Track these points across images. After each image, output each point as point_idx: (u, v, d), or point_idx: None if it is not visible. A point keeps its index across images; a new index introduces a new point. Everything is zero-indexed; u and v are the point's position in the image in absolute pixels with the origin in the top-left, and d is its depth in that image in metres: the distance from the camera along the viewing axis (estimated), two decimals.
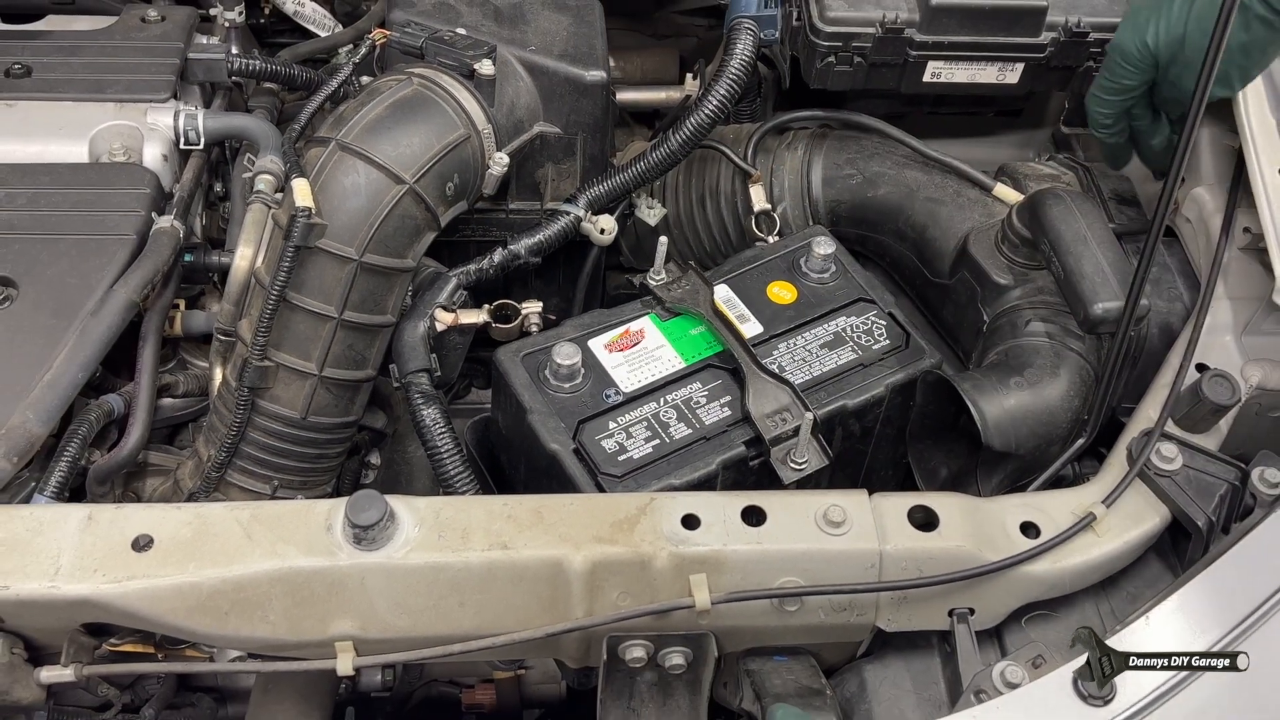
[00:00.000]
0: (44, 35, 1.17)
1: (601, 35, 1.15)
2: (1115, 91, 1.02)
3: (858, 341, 1.01)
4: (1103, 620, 0.90)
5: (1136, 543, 0.89)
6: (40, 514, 0.82)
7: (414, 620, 0.81)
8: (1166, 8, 0.96)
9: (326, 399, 1.01)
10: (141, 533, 0.80)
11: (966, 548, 0.84)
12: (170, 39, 1.15)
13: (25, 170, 1.03)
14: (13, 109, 1.08)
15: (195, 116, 1.09)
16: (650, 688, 0.87)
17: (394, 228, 0.97)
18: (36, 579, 0.78)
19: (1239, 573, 0.83)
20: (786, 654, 0.90)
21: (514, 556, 0.81)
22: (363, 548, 0.80)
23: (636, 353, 0.99)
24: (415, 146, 0.98)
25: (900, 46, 1.13)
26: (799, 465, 0.92)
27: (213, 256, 1.07)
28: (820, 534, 0.83)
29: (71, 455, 0.93)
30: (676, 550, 0.81)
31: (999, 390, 0.96)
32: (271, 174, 1.05)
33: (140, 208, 1.01)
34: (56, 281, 0.95)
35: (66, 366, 0.91)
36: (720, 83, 1.09)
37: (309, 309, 0.97)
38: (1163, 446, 0.91)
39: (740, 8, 1.12)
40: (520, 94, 1.09)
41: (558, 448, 0.91)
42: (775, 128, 1.24)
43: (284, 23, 1.39)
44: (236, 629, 0.80)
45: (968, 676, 0.84)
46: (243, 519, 0.82)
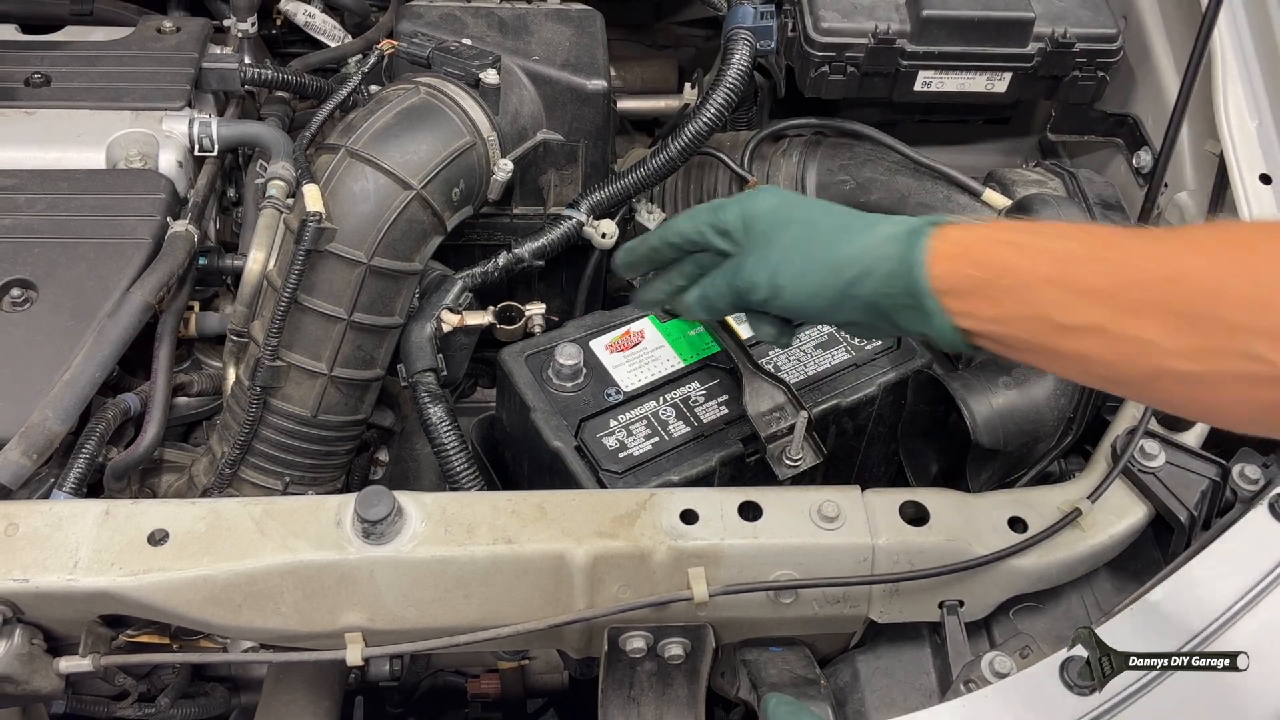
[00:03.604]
0: (63, 45, 1.17)
1: (603, 46, 1.16)
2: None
3: (851, 342, 1.03)
4: (1088, 612, 0.91)
5: (1121, 537, 0.90)
6: (59, 509, 0.82)
7: (421, 612, 0.82)
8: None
9: (336, 398, 1.02)
10: (157, 527, 0.81)
11: (956, 542, 0.85)
12: (185, 49, 1.16)
13: (45, 176, 1.03)
14: (32, 117, 1.09)
15: (209, 124, 1.10)
16: (650, 677, 0.88)
17: (402, 232, 0.99)
18: (56, 572, 0.78)
19: (1220, 566, 0.84)
20: (782, 645, 0.91)
21: (518, 550, 0.82)
22: (371, 542, 0.81)
23: (637, 353, 1.00)
24: (422, 153, 1.00)
25: (892, 56, 1.15)
26: (794, 462, 0.93)
27: (226, 260, 1.08)
28: (815, 529, 0.84)
29: (89, 452, 0.93)
30: (675, 544, 0.82)
31: (988, 389, 0.97)
32: (283, 180, 1.06)
33: (156, 212, 1.01)
34: (75, 284, 0.96)
35: (84, 366, 0.91)
36: (718, 91, 1.11)
37: (319, 310, 0.98)
38: (1146, 444, 0.92)
39: (737, 19, 1.13)
40: (524, 102, 1.11)
41: (560, 445, 0.92)
42: (771, 135, 1.26)
43: (295, 33, 1.40)
44: (249, 620, 0.81)
45: (958, 666, 0.85)
46: (255, 514, 0.82)
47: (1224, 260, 0.61)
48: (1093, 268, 0.65)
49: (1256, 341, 0.58)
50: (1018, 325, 0.68)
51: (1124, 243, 0.65)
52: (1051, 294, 0.65)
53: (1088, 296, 0.64)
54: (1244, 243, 0.62)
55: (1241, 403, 0.61)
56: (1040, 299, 0.66)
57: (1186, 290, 0.61)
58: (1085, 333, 0.64)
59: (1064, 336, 0.66)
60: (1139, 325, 0.62)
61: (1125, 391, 0.78)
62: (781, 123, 1.27)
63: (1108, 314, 0.63)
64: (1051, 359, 0.69)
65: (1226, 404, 0.63)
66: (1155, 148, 1.22)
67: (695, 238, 0.82)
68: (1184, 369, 0.62)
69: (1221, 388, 0.61)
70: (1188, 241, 0.64)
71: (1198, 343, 0.61)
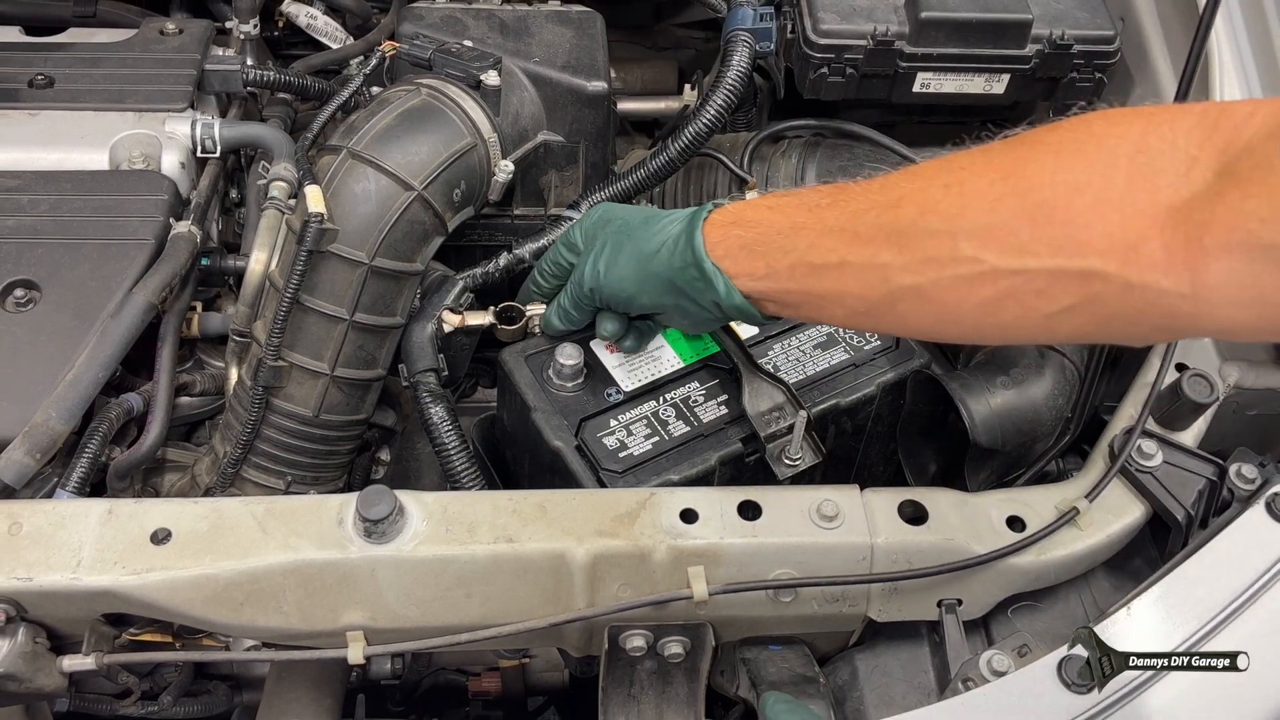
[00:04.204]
0: (66, 47, 1.18)
1: (603, 47, 1.16)
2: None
3: (850, 342, 1.03)
4: (1085, 611, 0.91)
5: (1118, 536, 0.91)
6: (62, 508, 0.83)
7: (422, 611, 0.82)
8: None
9: (338, 397, 1.03)
10: (160, 526, 0.81)
11: (955, 541, 0.85)
12: (187, 51, 1.16)
13: (48, 177, 1.03)
14: (36, 118, 1.09)
15: (212, 125, 1.11)
16: (650, 675, 0.88)
17: (403, 233, 1.00)
18: (59, 571, 0.79)
19: (1216, 565, 0.85)
20: (781, 643, 0.91)
21: (519, 549, 0.82)
22: (373, 541, 0.81)
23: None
24: (424, 154, 1.00)
25: (890, 58, 1.15)
26: (793, 461, 0.93)
27: (228, 260, 1.09)
28: (814, 528, 0.84)
29: (92, 452, 0.93)
30: (675, 543, 0.83)
31: (986, 389, 0.97)
32: (285, 181, 1.07)
33: (159, 213, 1.02)
34: (78, 284, 0.96)
35: (88, 366, 0.92)
36: (717, 93, 1.11)
37: (321, 311, 0.99)
38: (1143, 443, 0.92)
39: (737, 21, 1.14)
40: (525, 104, 1.11)
41: (561, 445, 0.93)
42: (770, 136, 1.26)
43: (297, 35, 1.41)
44: (251, 619, 0.81)
45: (956, 664, 0.85)
46: (257, 513, 0.82)
47: (934, 178, 0.68)
48: (835, 210, 0.74)
49: (962, 243, 0.65)
50: (785, 277, 0.76)
51: (863, 185, 0.73)
52: (805, 238, 0.74)
53: (832, 234, 0.73)
54: (953, 162, 0.69)
55: (965, 304, 0.67)
56: (796, 245, 0.75)
57: (906, 211, 0.68)
58: (835, 269, 0.72)
59: (820, 276, 0.74)
60: (873, 251, 0.70)
61: (878, 324, 0.85)
62: (781, 124, 1.27)
63: (847, 246, 0.72)
64: (818, 305, 0.77)
65: (953, 309, 0.69)
66: None
67: (557, 259, 0.96)
68: (912, 283, 0.68)
69: (945, 293, 0.68)
70: (911, 172, 0.72)
71: (918, 255, 0.67)
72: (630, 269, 0.87)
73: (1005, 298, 0.65)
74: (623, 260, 0.87)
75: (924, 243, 0.67)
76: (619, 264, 0.88)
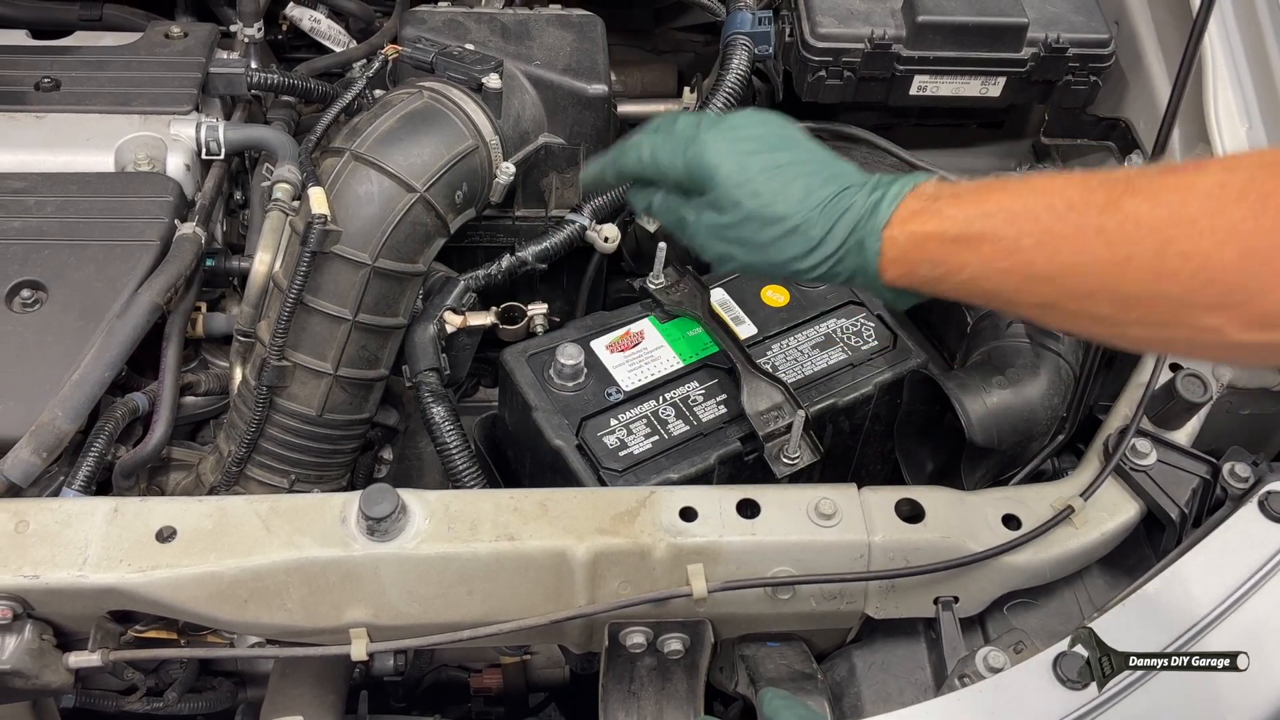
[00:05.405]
0: (72, 50, 1.18)
1: (603, 50, 1.17)
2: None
3: (848, 342, 1.04)
4: (1081, 608, 0.92)
5: (1113, 534, 0.91)
6: (68, 506, 0.83)
7: (425, 608, 0.83)
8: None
9: (341, 397, 1.04)
10: (165, 524, 0.81)
11: (951, 539, 0.86)
12: (192, 54, 1.17)
13: (54, 179, 1.04)
14: (42, 121, 1.10)
15: (216, 128, 1.12)
16: (650, 672, 0.89)
17: (406, 234, 1.00)
18: (65, 569, 0.79)
19: (1210, 562, 0.85)
20: (779, 640, 0.92)
21: (520, 547, 0.82)
22: (376, 539, 0.82)
23: (637, 353, 1.01)
24: (426, 156, 1.01)
25: (888, 61, 1.16)
26: (791, 460, 0.94)
27: (233, 261, 1.09)
28: (812, 526, 0.85)
29: (98, 451, 0.94)
30: (675, 541, 0.83)
31: (982, 389, 0.98)
32: (289, 183, 1.08)
33: (164, 215, 1.02)
34: (84, 285, 0.97)
35: (93, 366, 0.92)
36: (717, 96, 1.12)
37: (325, 311, 1.00)
38: (1138, 442, 0.93)
39: (736, 24, 1.15)
40: (526, 106, 1.12)
41: (561, 443, 0.93)
42: None
43: (301, 39, 1.42)
44: (256, 616, 0.82)
45: (952, 661, 0.86)
46: (261, 511, 0.83)
47: (1168, 238, 0.63)
48: (1041, 253, 0.67)
49: (1205, 315, 0.62)
50: (962, 293, 0.72)
51: (1075, 215, 0.67)
52: (1009, 282, 0.69)
53: (1039, 281, 0.67)
54: (1187, 219, 0.64)
55: (1200, 353, 0.69)
56: (994, 288, 0.70)
57: (1133, 274, 0.64)
58: (1039, 307, 0.69)
59: (1018, 307, 0.71)
60: (1091, 304, 0.66)
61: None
62: None
63: (1058, 295, 0.67)
64: (1008, 309, 0.73)
65: (1185, 354, 0.72)
66: (1147, 151, 1.22)
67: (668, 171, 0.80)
68: (1138, 335, 0.67)
69: (1178, 347, 0.68)
70: (1135, 222, 0.65)
71: (1148, 317, 0.65)
72: (797, 189, 0.74)
73: (1246, 355, 0.64)
74: (789, 175, 0.75)
75: (1156, 308, 0.63)
76: (782, 176, 0.75)
